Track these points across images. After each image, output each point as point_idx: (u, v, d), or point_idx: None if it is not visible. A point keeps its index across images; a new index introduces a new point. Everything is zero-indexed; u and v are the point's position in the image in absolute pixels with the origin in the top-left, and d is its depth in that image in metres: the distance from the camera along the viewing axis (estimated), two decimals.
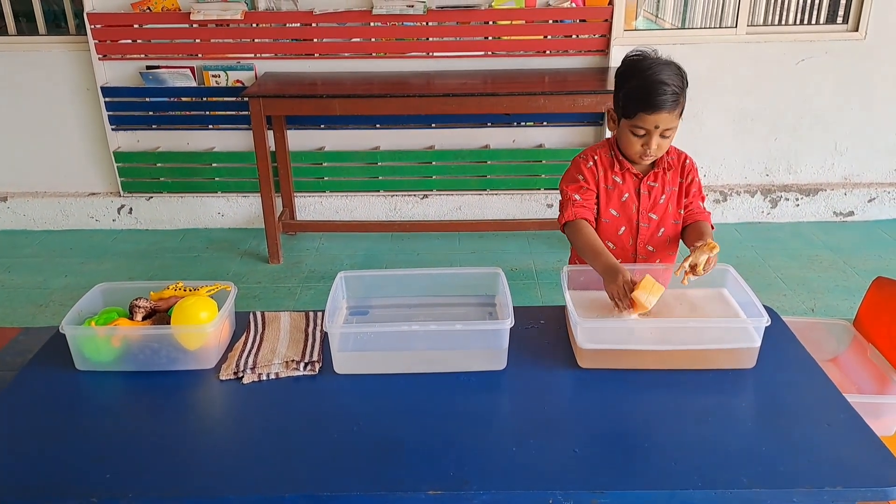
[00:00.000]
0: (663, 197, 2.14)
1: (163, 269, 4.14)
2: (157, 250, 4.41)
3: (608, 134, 2.22)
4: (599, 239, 2.06)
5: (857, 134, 4.50)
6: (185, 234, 4.61)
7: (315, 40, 4.22)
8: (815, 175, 4.60)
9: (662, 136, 1.99)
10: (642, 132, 1.99)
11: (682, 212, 2.19)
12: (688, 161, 2.18)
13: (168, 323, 1.85)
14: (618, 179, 2.13)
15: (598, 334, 1.81)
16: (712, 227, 2.17)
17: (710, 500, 1.44)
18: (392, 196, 4.58)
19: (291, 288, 3.88)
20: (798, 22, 4.45)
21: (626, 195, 2.13)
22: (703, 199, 2.22)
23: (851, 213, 4.61)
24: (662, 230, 2.16)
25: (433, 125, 4.42)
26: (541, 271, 4.00)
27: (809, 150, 4.54)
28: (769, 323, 1.76)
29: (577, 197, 2.11)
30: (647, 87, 1.95)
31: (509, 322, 1.77)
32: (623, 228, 2.16)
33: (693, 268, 1.91)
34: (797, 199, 4.58)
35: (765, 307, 1.86)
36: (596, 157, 2.14)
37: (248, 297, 3.78)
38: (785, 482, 1.44)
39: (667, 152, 2.12)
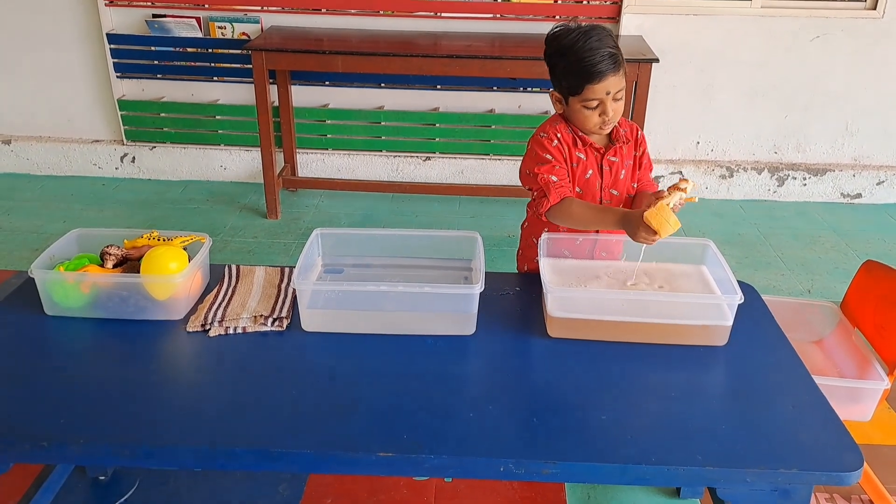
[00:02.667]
0: (623, 172, 2.10)
1: (162, 220, 4.14)
2: (157, 200, 4.41)
3: None
4: (589, 202, 2.04)
5: (869, 114, 4.40)
6: (187, 186, 4.60)
7: None
8: (825, 155, 4.52)
9: (615, 99, 1.94)
10: (595, 103, 1.94)
11: (636, 185, 2.16)
12: (640, 133, 2.15)
13: (139, 272, 1.84)
14: (581, 156, 2.07)
15: (568, 303, 1.79)
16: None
17: (662, 475, 1.43)
18: (395, 157, 4.54)
19: (287, 244, 3.87)
20: None
21: (590, 172, 2.08)
22: (650, 169, 2.21)
23: (859, 195, 4.54)
24: (622, 205, 2.12)
25: (438, 87, 4.37)
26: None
27: (820, 130, 4.45)
28: (742, 300, 1.73)
29: (554, 178, 2.02)
30: (583, 59, 1.88)
31: (479, 287, 1.75)
32: None
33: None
34: (805, 179, 4.51)
35: (744, 285, 1.83)
36: (559, 135, 2.05)
37: (243, 252, 3.78)
38: (740, 462, 1.42)
39: (620, 125, 2.08)
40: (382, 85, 4.39)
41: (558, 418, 1.54)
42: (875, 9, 4.12)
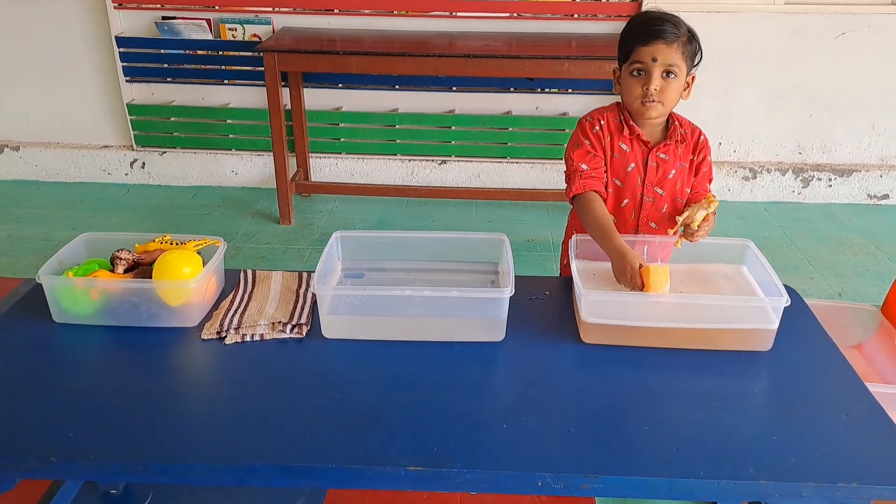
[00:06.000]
0: (673, 171, 1.99)
1: (173, 226, 4.06)
2: (168, 206, 4.33)
3: None
4: (609, 215, 1.94)
5: None
6: (198, 191, 4.53)
7: None
8: (850, 155, 4.41)
9: (664, 74, 1.84)
10: (641, 70, 1.86)
11: (689, 191, 2.04)
12: (702, 137, 2.03)
13: (151, 277, 1.76)
14: (625, 147, 1.97)
15: (603, 308, 1.69)
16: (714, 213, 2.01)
17: (712, 490, 1.33)
18: (409, 160, 4.46)
19: (301, 250, 3.79)
20: None
21: (633, 165, 1.98)
22: (710, 180, 2.08)
23: (886, 196, 4.42)
24: (666, 206, 2.02)
25: (454, 88, 4.28)
26: (558, 243, 3.85)
27: (845, 129, 4.34)
28: (788, 303, 1.63)
29: (584, 167, 1.96)
30: (642, 22, 1.88)
31: (509, 291, 1.66)
32: (626, 201, 2.01)
33: (686, 228, 1.78)
34: (830, 180, 4.40)
35: (786, 287, 1.73)
36: (603, 122, 1.98)
37: (257, 258, 3.70)
38: (794, 475, 1.33)
39: (680, 124, 1.98)
40: (397, 87, 4.31)
41: (597, 429, 1.46)
42: None
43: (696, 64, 1.91)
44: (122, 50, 4.27)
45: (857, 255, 3.81)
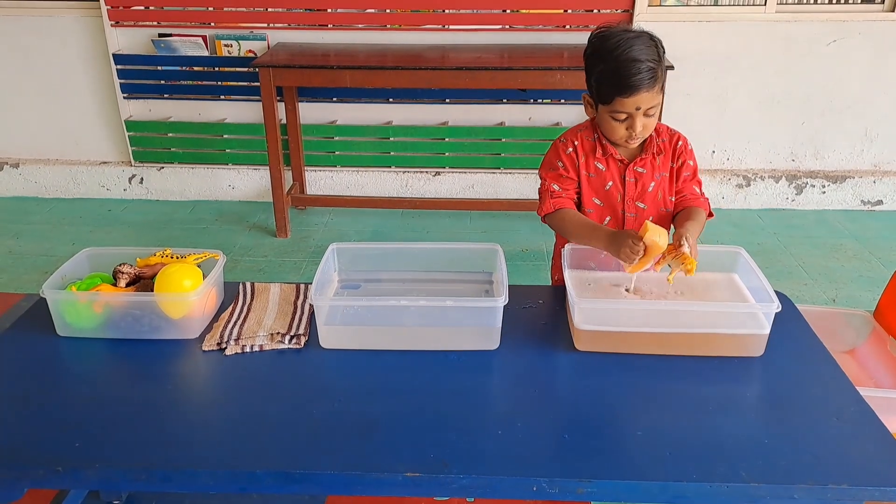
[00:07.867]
0: (652, 184, 1.99)
1: (171, 240, 4.08)
2: (166, 221, 4.36)
3: None
4: (586, 217, 1.97)
5: (889, 119, 4.32)
6: (195, 206, 4.55)
7: (329, 10, 4.13)
8: (844, 162, 4.45)
9: (646, 115, 1.84)
10: (623, 116, 1.85)
11: (674, 199, 2.04)
12: (681, 142, 2.01)
13: (152, 290, 1.78)
14: (601, 166, 1.98)
15: (596, 315, 1.72)
16: (710, 215, 2.02)
17: (705, 493, 1.36)
18: (404, 172, 4.49)
19: (297, 262, 3.82)
20: (831, 1, 4.26)
21: (610, 183, 1.99)
22: (698, 183, 2.05)
23: (880, 202, 4.46)
24: (652, 219, 2.01)
25: (447, 101, 4.32)
26: (551, 253, 3.89)
27: (838, 136, 4.38)
28: (779, 309, 1.66)
29: (555, 187, 1.99)
30: (619, 69, 1.78)
31: (503, 300, 1.69)
32: (608, 219, 2.02)
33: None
34: (824, 186, 4.43)
35: (778, 293, 1.76)
36: (576, 143, 1.99)
37: (254, 271, 3.73)
38: (786, 477, 1.35)
39: (658, 133, 1.98)
40: (390, 100, 4.34)
41: (591, 434, 1.48)
42: (893, 10, 4.06)
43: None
44: (119, 67, 4.31)
45: (851, 261, 3.83)
